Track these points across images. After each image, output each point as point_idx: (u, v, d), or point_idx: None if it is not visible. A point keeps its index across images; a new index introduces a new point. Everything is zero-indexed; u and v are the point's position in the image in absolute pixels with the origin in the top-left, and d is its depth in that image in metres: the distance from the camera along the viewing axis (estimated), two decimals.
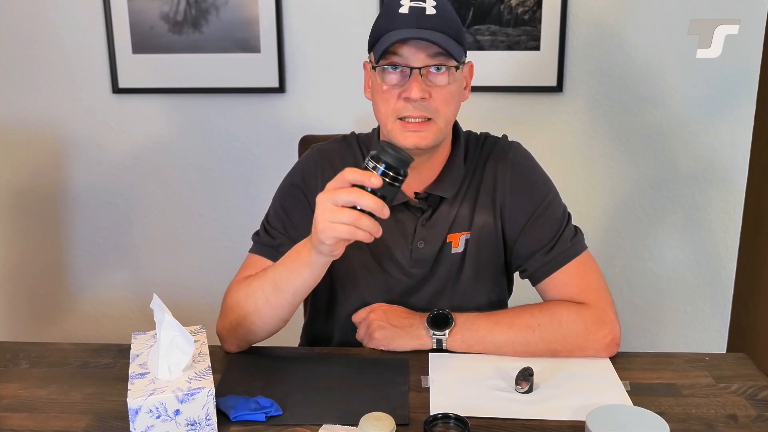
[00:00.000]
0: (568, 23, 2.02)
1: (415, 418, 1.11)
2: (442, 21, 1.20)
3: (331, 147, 1.41)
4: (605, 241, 2.20)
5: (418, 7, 1.19)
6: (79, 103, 2.17)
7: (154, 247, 2.29)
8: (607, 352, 1.28)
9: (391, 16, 1.21)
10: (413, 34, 1.18)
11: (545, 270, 1.32)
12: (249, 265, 1.36)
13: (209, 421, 1.04)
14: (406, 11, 1.20)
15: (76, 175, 2.24)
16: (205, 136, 2.19)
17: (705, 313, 2.24)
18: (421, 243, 1.34)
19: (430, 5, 1.20)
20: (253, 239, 1.40)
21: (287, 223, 1.36)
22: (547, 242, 1.32)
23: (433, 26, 1.19)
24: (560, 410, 1.11)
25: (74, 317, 2.36)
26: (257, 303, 1.25)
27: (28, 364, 1.30)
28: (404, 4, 1.20)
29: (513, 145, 1.39)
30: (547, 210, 1.34)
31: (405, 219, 1.34)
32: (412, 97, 1.20)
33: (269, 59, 2.09)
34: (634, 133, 2.11)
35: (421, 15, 1.19)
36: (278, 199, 1.41)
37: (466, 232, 1.35)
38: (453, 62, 1.22)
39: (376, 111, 1.28)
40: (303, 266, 1.18)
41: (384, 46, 1.19)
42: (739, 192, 2.14)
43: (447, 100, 1.23)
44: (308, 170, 1.38)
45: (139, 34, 2.09)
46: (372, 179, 1.04)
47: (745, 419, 1.11)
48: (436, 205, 1.34)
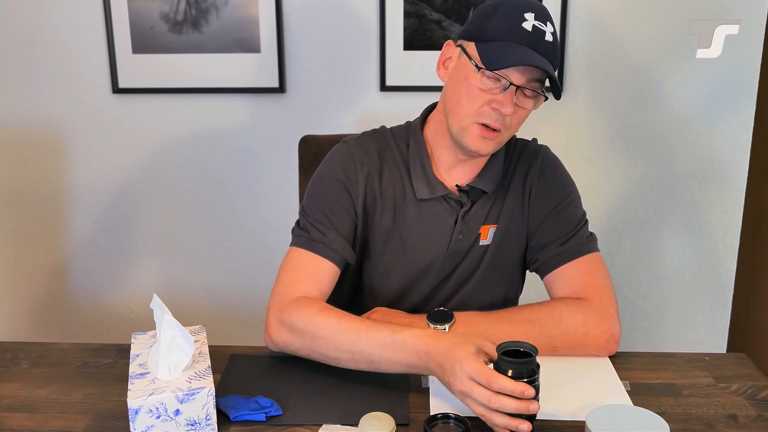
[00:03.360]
0: (568, 23, 2.02)
1: (415, 418, 1.11)
2: (553, 50, 1.24)
3: (367, 142, 1.40)
4: (605, 241, 2.20)
5: (540, 30, 1.22)
6: (79, 103, 2.17)
7: (154, 247, 2.29)
8: (606, 350, 1.28)
9: (514, 27, 1.22)
10: (533, 60, 1.20)
11: (556, 261, 1.34)
12: (302, 265, 1.31)
13: (209, 421, 1.04)
14: (529, 29, 1.21)
15: (76, 175, 2.24)
16: (205, 136, 2.19)
17: (705, 313, 2.24)
18: (461, 235, 1.36)
19: (549, 31, 1.23)
20: (296, 233, 1.35)
21: (332, 217, 1.34)
22: (562, 235, 1.35)
23: (546, 53, 1.22)
24: (560, 410, 1.11)
25: (74, 317, 2.36)
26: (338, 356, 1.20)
27: (28, 364, 1.30)
28: (528, 20, 1.21)
29: (543, 147, 1.44)
30: (568, 208, 1.38)
31: (444, 212, 1.36)
32: (505, 113, 1.23)
33: (269, 59, 2.09)
34: (634, 133, 2.11)
35: (541, 39, 1.22)
36: (317, 193, 1.37)
37: (494, 224, 1.38)
38: (548, 91, 1.26)
39: (455, 101, 1.28)
40: (401, 366, 1.15)
41: (505, 62, 1.20)
42: (739, 192, 2.14)
43: (521, 120, 1.29)
44: (348, 163, 1.36)
45: (139, 34, 2.09)
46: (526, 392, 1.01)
47: (745, 419, 1.11)
48: (476, 198, 1.36)
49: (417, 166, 1.35)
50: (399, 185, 1.36)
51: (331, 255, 1.31)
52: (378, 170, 1.36)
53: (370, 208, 1.36)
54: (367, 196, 1.36)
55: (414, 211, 1.36)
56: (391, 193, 1.36)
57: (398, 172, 1.37)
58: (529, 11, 1.22)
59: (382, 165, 1.37)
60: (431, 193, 1.34)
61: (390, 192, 1.36)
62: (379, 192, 1.36)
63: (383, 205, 1.36)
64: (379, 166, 1.37)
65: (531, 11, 1.22)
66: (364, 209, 1.36)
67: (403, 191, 1.36)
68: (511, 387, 1.00)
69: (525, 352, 1.05)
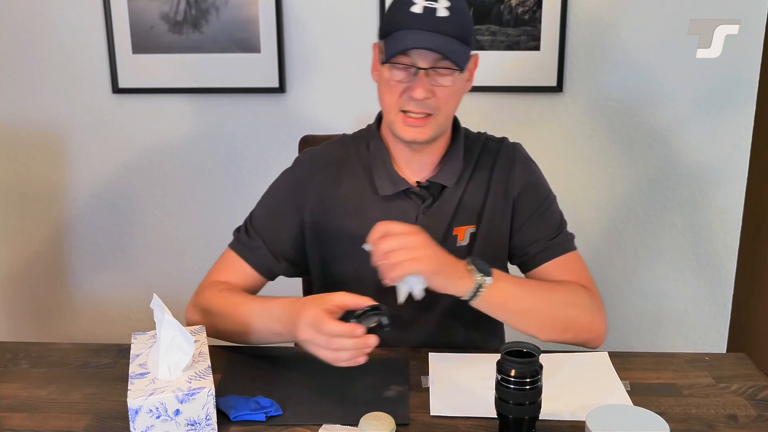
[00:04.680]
0: (568, 23, 2.02)
1: (415, 418, 1.11)
2: (452, 23, 1.23)
3: (324, 151, 1.44)
4: (605, 241, 2.20)
5: (430, 7, 1.22)
6: (79, 103, 2.17)
7: (154, 247, 2.29)
8: (600, 340, 1.31)
9: (404, 12, 1.23)
10: (421, 42, 1.21)
11: (547, 254, 1.36)
12: (226, 262, 1.40)
13: (209, 421, 1.04)
14: (419, 11, 1.22)
15: (76, 176, 2.24)
16: (205, 136, 2.19)
17: (705, 313, 2.24)
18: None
19: (443, 6, 1.22)
20: (234, 234, 1.43)
21: (269, 226, 1.39)
22: (550, 232, 1.38)
23: (443, 29, 1.22)
24: (560, 410, 1.11)
25: (74, 317, 2.36)
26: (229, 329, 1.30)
27: (28, 364, 1.30)
28: (417, 2, 1.22)
29: (518, 148, 1.44)
30: (550, 208, 1.41)
31: (407, 207, 1.36)
32: (416, 97, 1.24)
33: (269, 59, 2.09)
34: (634, 133, 2.11)
35: (433, 16, 1.22)
36: (266, 200, 1.44)
37: (471, 225, 1.37)
38: (457, 66, 1.24)
39: (381, 98, 1.31)
40: (274, 335, 1.25)
41: (395, 49, 1.22)
42: (739, 192, 2.13)
43: (449, 98, 1.28)
44: (300, 176, 1.41)
45: (139, 34, 2.09)
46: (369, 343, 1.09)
47: (745, 419, 1.11)
48: (437, 193, 1.36)
49: (378, 164, 1.37)
50: (360, 187, 1.37)
51: (254, 261, 1.38)
52: (336, 177, 1.38)
53: (329, 215, 1.37)
54: (322, 205, 1.37)
55: (379, 210, 1.35)
56: (353, 196, 1.37)
57: (360, 174, 1.38)
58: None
59: (341, 171, 1.39)
60: (394, 188, 1.35)
61: (352, 196, 1.37)
62: (339, 198, 1.37)
63: (345, 211, 1.37)
64: (336, 172, 1.39)
65: None
66: (317, 219, 1.37)
67: (366, 192, 1.37)
68: (341, 329, 1.08)
69: (528, 353, 1.05)
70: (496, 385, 1.05)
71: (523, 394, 1.03)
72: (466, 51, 1.26)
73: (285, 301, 1.21)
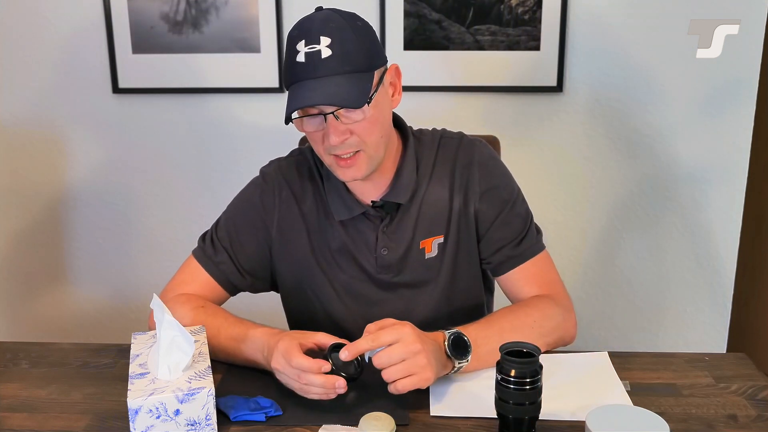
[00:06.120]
0: (568, 23, 2.02)
1: (415, 418, 1.11)
2: (337, 61, 1.17)
3: (288, 162, 1.40)
4: (605, 241, 2.20)
5: (313, 52, 1.16)
6: (79, 103, 2.17)
7: (154, 247, 2.29)
8: (572, 338, 1.33)
9: (293, 64, 1.18)
10: (307, 100, 1.16)
11: (513, 262, 1.36)
12: (190, 272, 1.38)
13: (209, 421, 1.04)
14: (302, 59, 1.17)
15: (76, 175, 2.24)
16: (205, 136, 2.19)
17: (705, 313, 2.24)
18: (385, 250, 1.34)
19: (325, 45, 1.16)
20: (199, 242, 1.41)
21: (234, 238, 1.37)
22: (515, 237, 1.36)
23: (330, 70, 1.16)
24: (560, 410, 1.11)
25: (74, 317, 2.36)
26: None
27: (28, 364, 1.30)
28: (300, 50, 1.17)
29: (476, 146, 1.37)
30: (513, 210, 1.36)
31: (366, 228, 1.34)
32: (332, 143, 1.20)
33: (269, 59, 2.09)
34: (634, 133, 2.11)
35: (317, 61, 1.16)
36: (232, 211, 1.40)
37: (439, 236, 1.35)
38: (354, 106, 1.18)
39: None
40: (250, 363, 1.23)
41: (290, 108, 1.18)
42: (739, 192, 2.13)
43: (369, 129, 1.22)
44: (267, 189, 1.38)
45: (139, 34, 2.09)
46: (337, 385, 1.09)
47: (745, 419, 1.11)
48: (394, 211, 1.34)
49: (331, 190, 1.34)
50: (321, 207, 1.35)
51: (219, 276, 1.36)
52: (301, 192, 1.36)
53: (294, 231, 1.36)
54: (287, 221, 1.36)
55: (337, 232, 1.34)
56: (315, 215, 1.36)
57: (320, 192, 1.36)
58: (300, 40, 1.18)
59: (305, 187, 1.37)
60: (349, 214, 1.32)
61: (314, 214, 1.36)
62: (302, 215, 1.36)
63: (309, 228, 1.36)
64: (301, 188, 1.37)
65: (302, 38, 1.17)
66: (283, 234, 1.36)
67: (325, 213, 1.35)
68: (307, 364, 1.09)
69: (528, 353, 1.05)
70: (496, 385, 1.05)
71: (523, 394, 1.03)
72: (361, 83, 1.18)
73: (267, 331, 1.20)
